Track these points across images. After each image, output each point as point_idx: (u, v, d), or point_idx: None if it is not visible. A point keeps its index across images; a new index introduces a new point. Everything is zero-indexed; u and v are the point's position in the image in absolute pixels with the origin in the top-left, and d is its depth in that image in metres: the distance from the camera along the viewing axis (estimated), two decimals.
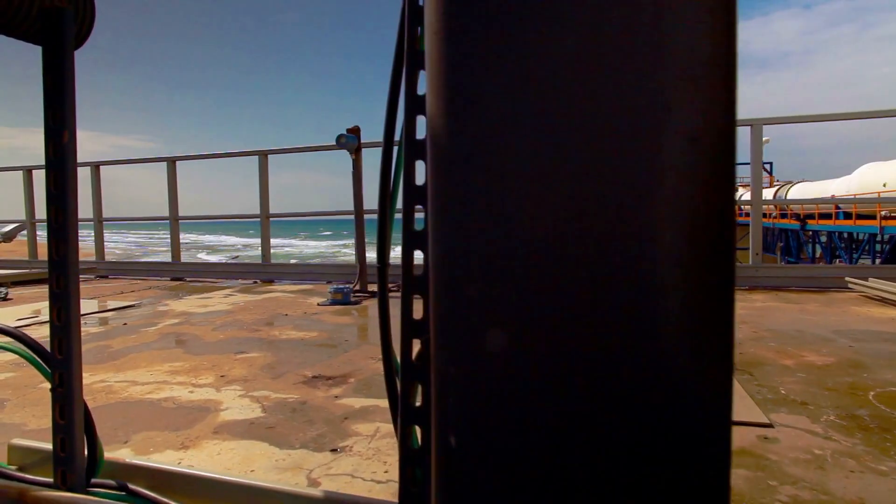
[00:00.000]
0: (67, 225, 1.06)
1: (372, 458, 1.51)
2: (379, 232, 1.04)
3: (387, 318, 0.87)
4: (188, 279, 6.02)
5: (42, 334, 3.27)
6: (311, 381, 2.20)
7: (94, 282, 6.00)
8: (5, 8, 1.06)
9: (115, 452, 1.58)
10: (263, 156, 5.63)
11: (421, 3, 0.85)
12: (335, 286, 4.09)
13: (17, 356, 1.14)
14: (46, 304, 1.08)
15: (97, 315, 3.84)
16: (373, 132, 4.25)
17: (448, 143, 0.45)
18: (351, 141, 4.32)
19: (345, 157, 4.62)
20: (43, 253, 7.56)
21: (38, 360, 1.13)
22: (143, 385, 2.18)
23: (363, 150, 4.58)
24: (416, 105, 0.82)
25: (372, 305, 4.08)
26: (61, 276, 1.09)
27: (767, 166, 26.36)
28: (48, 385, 1.12)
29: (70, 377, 1.09)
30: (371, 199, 4.75)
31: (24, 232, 7.53)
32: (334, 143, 4.46)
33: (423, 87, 0.85)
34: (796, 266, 5.23)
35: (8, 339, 1.13)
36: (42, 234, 8.08)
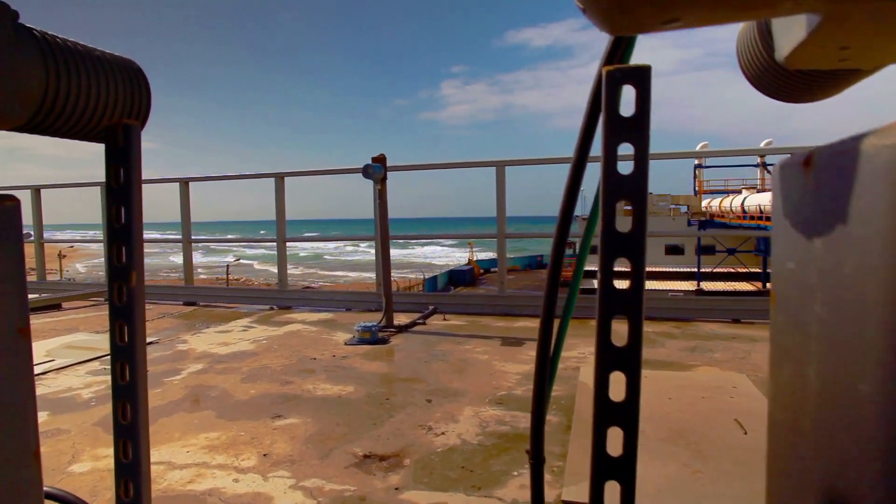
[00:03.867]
0: (138, 391, 0.89)
1: None
2: (546, 307, 0.83)
3: None
4: (202, 303, 5.83)
5: (59, 385, 3.09)
6: (364, 464, 2.03)
7: (105, 307, 5.81)
8: (73, 126, 0.90)
9: None
10: (280, 178, 5.45)
11: None
12: (362, 324, 3.91)
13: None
14: (58, 340, 0.91)
15: None
16: (370, 131, 4.04)
17: None
18: (377, 171, 4.14)
19: (347, 159, 4.43)
20: (47, 261, 7.36)
21: None
22: (181, 469, 2.01)
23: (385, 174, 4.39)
24: (620, 128, 0.62)
25: (400, 343, 3.91)
26: (128, 401, 0.92)
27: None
28: (80, 467, 0.96)
29: None
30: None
31: (30, 237, 7.34)
32: (359, 168, 4.29)
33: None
34: None
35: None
36: (47, 249, 7.84)
